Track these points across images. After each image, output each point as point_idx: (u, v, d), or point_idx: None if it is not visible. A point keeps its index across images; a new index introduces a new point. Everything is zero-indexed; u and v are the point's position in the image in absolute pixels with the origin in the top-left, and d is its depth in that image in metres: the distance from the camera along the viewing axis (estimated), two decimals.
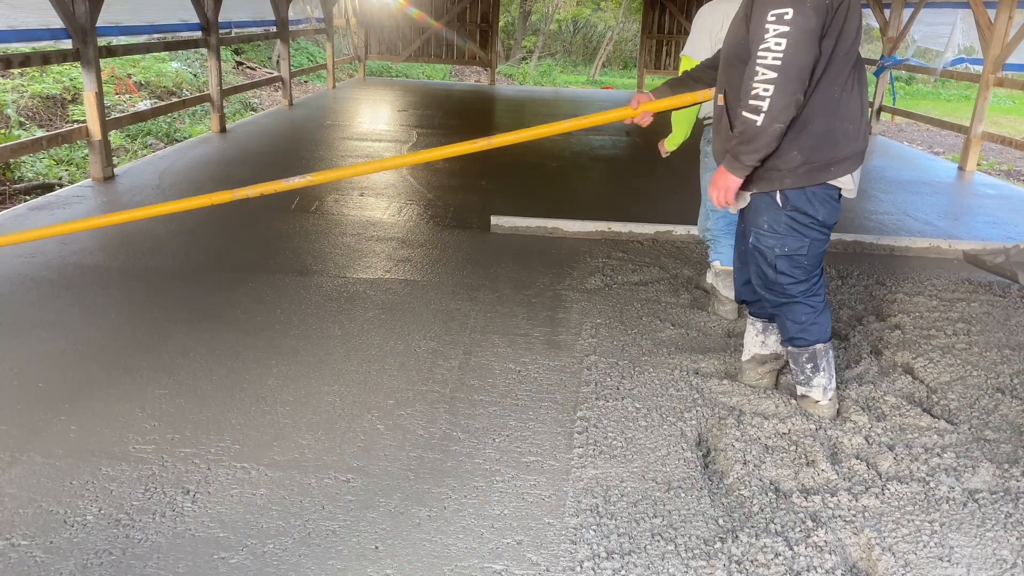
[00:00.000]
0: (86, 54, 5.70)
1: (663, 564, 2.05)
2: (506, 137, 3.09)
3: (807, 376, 2.80)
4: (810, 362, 2.77)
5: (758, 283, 2.77)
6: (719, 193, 2.55)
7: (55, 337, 3.24)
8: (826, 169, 2.50)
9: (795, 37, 2.23)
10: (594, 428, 2.70)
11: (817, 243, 2.64)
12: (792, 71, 2.25)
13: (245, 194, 3.06)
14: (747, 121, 2.34)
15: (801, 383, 2.83)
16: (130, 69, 11.80)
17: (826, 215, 2.59)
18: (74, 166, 8.52)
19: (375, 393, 2.90)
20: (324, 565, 2.02)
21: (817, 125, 2.43)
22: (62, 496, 2.24)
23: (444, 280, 4.12)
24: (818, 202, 2.56)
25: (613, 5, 25.26)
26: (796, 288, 2.68)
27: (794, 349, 2.79)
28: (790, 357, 2.84)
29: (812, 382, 2.79)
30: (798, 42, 2.23)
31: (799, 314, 2.72)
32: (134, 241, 4.51)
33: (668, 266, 4.45)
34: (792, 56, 2.24)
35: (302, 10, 11.61)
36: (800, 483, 2.43)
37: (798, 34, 2.23)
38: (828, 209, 2.59)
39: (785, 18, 2.22)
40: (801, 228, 2.59)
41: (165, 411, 2.71)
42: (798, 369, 2.82)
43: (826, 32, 2.31)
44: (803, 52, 2.25)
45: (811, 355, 2.76)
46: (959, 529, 2.23)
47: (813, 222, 2.58)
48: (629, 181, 6.80)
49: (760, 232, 2.65)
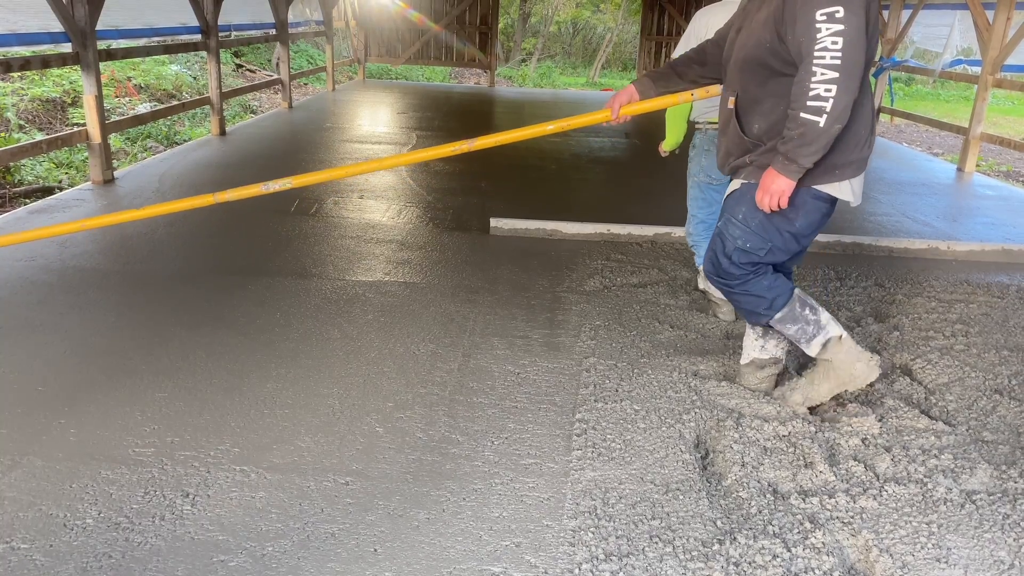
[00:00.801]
0: (86, 57, 5.71)
1: (661, 566, 2.05)
2: (487, 140, 3.09)
3: (814, 326, 2.69)
4: (803, 310, 2.70)
5: (708, 268, 2.74)
6: (771, 198, 2.43)
7: (55, 340, 3.25)
8: (827, 172, 2.46)
9: (851, 35, 2.20)
10: (593, 430, 2.70)
11: (779, 250, 2.59)
12: (854, 70, 2.23)
13: (226, 198, 3.07)
14: (808, 123, 2.27)
15: (811, 337, 2.71)
16: (130, 72, 11.81)
17: (804, 225, 2.54)
18: (74, 169, 8.53)
19: (374, 396, 2.91)
20: (323, 568, 2.03)
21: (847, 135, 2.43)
22: (62, 499, 2.25)
23: (443, 282, 4.13)
24: (802, 209, 2.51)
25: (612, 7, 25.28)
26: (746, 280, 2.67)
27: (779, 315, 2.70)
28: (779, 326, 2.73)
29: (820, 323, 2.70)
30: (854, 40, 2.21)
31: (759, 288, 2.67)
32: (134, 245, 4.52)
33: (667, 268, 4.45)
34: (851, 54, 2.21)
35: (301, 12, 11.63)
36: (798, 485, 2.43)
37: (853, 32, 2.20)
38: (809, 220, 2.54)
39: (837, 16, 2.19)
40: (771, 230, 2.55)
41: (165, 414, 2.72)
42: (799, 331, 2.71)
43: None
44: (859, 50, 2.23)
45: (794, 309, 2.69)
46: (956, 530, 2.23)
47: (788, 227, 2.54)
48: (628, 183, 6.81)
49: (732, 220, 2.62)
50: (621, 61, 26.20)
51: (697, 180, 3.66)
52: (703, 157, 3.59)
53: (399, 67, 17.50)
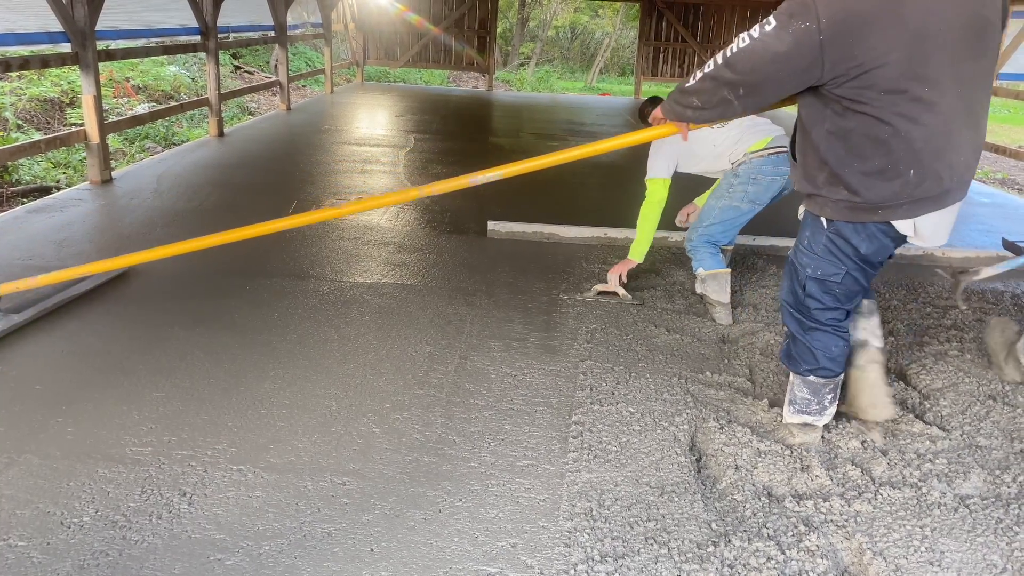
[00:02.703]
0: (85, 57, 5.72)
1: (656, 568, 2.06)
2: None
3: (822, 406, 2.61)
4: (831, 392, 2.61)
5: (787, 303, 2.60)
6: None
7: (52, 340, 3.25)
8: (871, 211, 2.28)
9: (756, 48, 2.16)
10: (589, 432, 2.71)
11: (853, 276, 2.44)
12: (737, 66, 2.22)
13: (432, 191, 3.25)
14: (685, 81, 2.40)
15: (813, 412, 2.63)
16: (128, 73, 11.82)
17: (869, 250, 2.38)
18: (72, 169, 8.54)
19: (371, 397, 2.92)
20: (320, 567, 2.03)
21: (861, 165, 2.22)
22: (59, 497, 2.25)
23: (441, 285, 4.14)
24: (865, 235, 2.35)
25: (611, 12, 25.36)
26: (824, 315, 2.51)
27: (817, 379, 2.58)
28: (807, 387, 2.61)
29: (826, 411, 2.63)
30: (756, 52, 2.16)
31: (830, 345, 2.53)
32: (131, 245, 4.52)
33: (663, 271, 4.47)
34: (744, 57, 2.20)
35: (299, 15, 11.65)
36: (793, 488, 2.45)
37: (760, 47, 2.15)
38: (874, 245, 2.37)
39: (766, 24, 2.14)
40: (838, 255, 2.41)
41: (162, 413, 2.72)
42: (814, 399, 2.61)
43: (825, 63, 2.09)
44: (758, 61, 2.17)
45: (835, 385, 2.61)
46: (950, 534, 2.25)
47: (853, 253, 2.39)
48: (625, 187, 6.82)
49: (799, 248, 2.51)
50: (619, 66, 26.28)
51: (738, 206, 3.72)
52: (750, 185, 3.67)
53: (397, 70, 17.54)
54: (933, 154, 2.17)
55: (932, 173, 2.19)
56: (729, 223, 3.78)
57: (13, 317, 3.24)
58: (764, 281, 4.41)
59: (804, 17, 2.05)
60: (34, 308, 3.36)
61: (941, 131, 2.15)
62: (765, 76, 2.17)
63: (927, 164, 2.18)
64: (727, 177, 3.77)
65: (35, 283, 3.30)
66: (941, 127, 2.15)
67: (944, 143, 2.17)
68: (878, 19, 2.03)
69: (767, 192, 3.68)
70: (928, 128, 2.14)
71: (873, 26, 2.03)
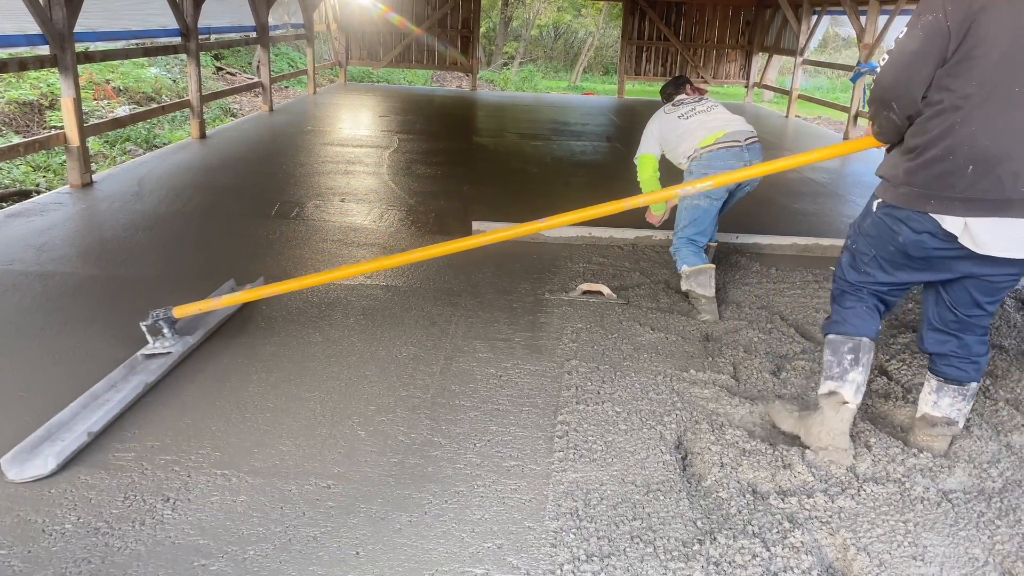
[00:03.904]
0: (63, 60, 5.66)
1: (642, 566, 2.07)
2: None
3: (843, 368, 2.57)
4: (851, 354, 2.57)
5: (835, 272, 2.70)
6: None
7: (33, 345, 3.22)
8: (924, 199, 2.27)
9: (901, 39, 2.27)
10: (574, 432, 2.72)
11: (880, 264, 2.48)
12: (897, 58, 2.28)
13: (638, 203, 3.16)
14: None
15: (835, 376, 2.58)
16: (108, 75, 11.73)
17: (908, 240, 2.35)
18: (51, 172, 8.46)
19: (356, 399, 2.91)
20: (305, 571, 2.02)
21: (922, 153, 2.26)
22: (40, 505, 2.23)
23: (425, 286, 4.13)
24: (910, 227, 2.33)
25: (594, 11, 25.41)
26: (852, 277, 2.58)
27: (835, 337, 2.60)
28: (828, 348, 2.62)
29: (848, 376, 2.56)
30: (901, 42, 2.27)
31: (854, 306, 2.60)
32: (112, 249, 4.49)
33: (648, 271, 4.48)
34: (897, 47, 2.27)
35: (280, 16, 11.59)
36: (777, 485, 2.46)
37: (904, 37, 2.26)
38: (915, 237, 2.33)
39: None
40: (878, 237, 2.44)
41: (145, 419, 2.70)
42: (834, 360, 2.59)
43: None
44: (905, 43, 2.25)
45: (855, 346, 2.56)
46: (932, 528, 2.27)
47: (891, 239, 2.40)
48: (609, 186, 6.83)
49: (853, 225, 2.60)
50: (602, 65, 26.33)
51: (698, 204, 3.88)
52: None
53: (380, 70, 17.50)
54: (997, 157, 2.15)
55: (993, 176, 2.16)
56: (698, 221, 3.90)
57: (188, 339, 3.19)
58: (747, 279, 4.44)
59: (931, 9, 2.16)
60: (202, 330, 3.32)
61: (1019, 136, 2.13)
62: (908, 79, 2.23)
63: (989, 165, 2.16)
64: (685, 176, 3.94)
65: (210, 305, 3.27)
66: (1020, 132, 2.13)
67: (1015, 149, 2.14)
68: (996, 8, 2.09)
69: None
70: (1000, 128, 2.13)
71: (990, 13, 2.09)
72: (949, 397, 2.62)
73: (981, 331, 2.55)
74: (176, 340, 3.12)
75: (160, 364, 3.00)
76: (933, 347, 2.61)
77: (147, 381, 2.86)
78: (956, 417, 2.64)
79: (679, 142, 3.99)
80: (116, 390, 2.79)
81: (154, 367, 2.97)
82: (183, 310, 3.16)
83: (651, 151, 4.17)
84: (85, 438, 2.49)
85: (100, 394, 2.76)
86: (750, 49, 14.83)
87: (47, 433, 2.49)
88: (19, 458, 2.36)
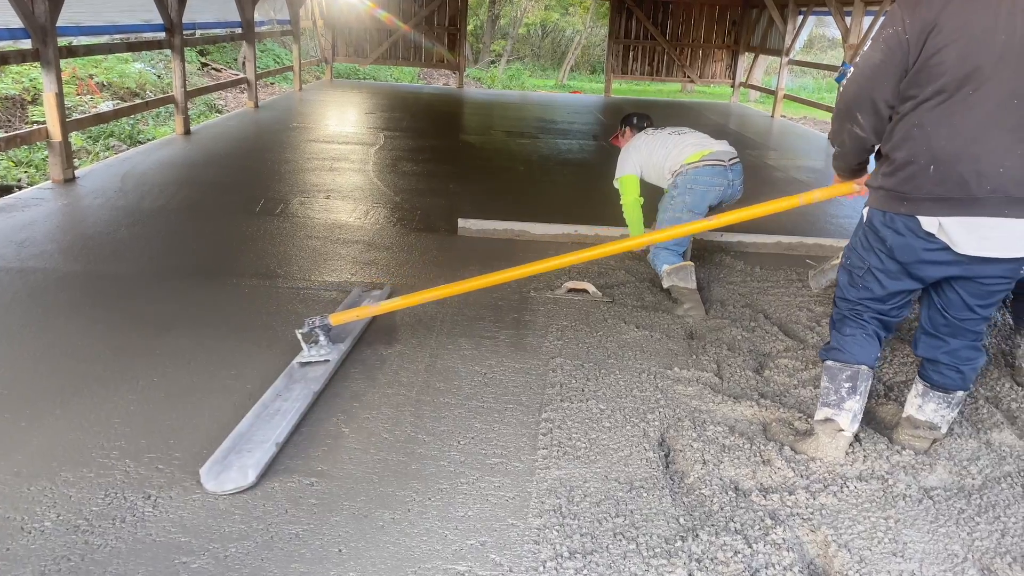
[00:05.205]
0: (46, 54, 5.61)
1: (625, 563, 2.07)
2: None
3: (840, 396, 2.57)
4: (848, 382, 2.57)
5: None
6: None
7: (12, 344, 3.19)
8: (899, 201, 2.32)
9: (864, 53, 2.32)
10: (558, 429, 2.72)
11: (875, 275, 2.48)
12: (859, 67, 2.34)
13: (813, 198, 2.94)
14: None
15: (832, 404, 2.58)
16: (92, 70, 11.62)
17: (895, 244, 2.38)
18: (34, 168, 8.38)
19: (340, 396, 2.90)
20: (287, 569, 2.02)
21: (892, 158, 2.32)
22: (19, 503, 2.20)
23: (410, 283, 4.12)
24: (892, 228, 2.37)
25: (581, 10, 25.43)
26: (849, 302, 2.59)
27: (833, 364, 2.60)
28: (827, 374, 2.62)
29: (844, 405, 2.56)
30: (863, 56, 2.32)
31: (851, 332, 2.59)
32: (94, 245, 4.45)
33: (633, 269, 4.49)
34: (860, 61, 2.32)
35: (267, 12, 11.53)
36: (758, 482, 2.47)
37: (866, 52, 2.31)
38: (900, 240, 2.36)
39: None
40: (868, 247, 2.48)
41: (126, 417, 2.68)
42: (832, 387, 2.59)
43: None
44: (864, 58, 2.31)
45: (853, 375, 2.56)
46: (913, 525, 2.29)
47: (880, 245, 2.43)
48: (596, 184, 6.84)
49: (848, 244, 2.64)
50: (590, 64, 26.35)
51: (679, 216, 3.93)
52: (687, 195, 3.94)
53: (367, 67, 17.43)
54: (955, 157, 2.18)
55: (955, 175, 2.19)
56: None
57: (340, 346, 3.17)
58: (731, 277, 4.46)
59: (891, 24, 2.22)
60: (351, 337, 3.30)
61: (970, 136, 2.16)
62: (871, 90, 2.28)
63: (948, 165, 2.20)
64: (669, 190, 4.05)
65: (365, 313, 3.28)
66: (972, 132, 2.16)
67: (970, 148, 2.17)
68: (950, 17, 2.13)
69: (703, 200, 3.94)
70: (954, 129, 2.18)
71: (944, 22, 2.14)
72: (934, 403, 2.64)
73: (973, 336, 2.54)
74: (332, 348, 3.12)
75: (322, 372, 2.98)
76: (925, 352, 2.61)
77: (315, 390, 2.84)
78: (939, 423, 2.66)
79: (666, 158, 4.08)
80: (283, 399, 2.77)
81: (318, 374, 2.96)
82: (339, 318, 3.19)
83: (633, 171, 4.25)
84: (274, 449, 2.46)
85: (269, 403, 2.74)
86: (736, 49, 14.89)
87: (233, 445, 2.47)
88: (213, 470, 2.34)
